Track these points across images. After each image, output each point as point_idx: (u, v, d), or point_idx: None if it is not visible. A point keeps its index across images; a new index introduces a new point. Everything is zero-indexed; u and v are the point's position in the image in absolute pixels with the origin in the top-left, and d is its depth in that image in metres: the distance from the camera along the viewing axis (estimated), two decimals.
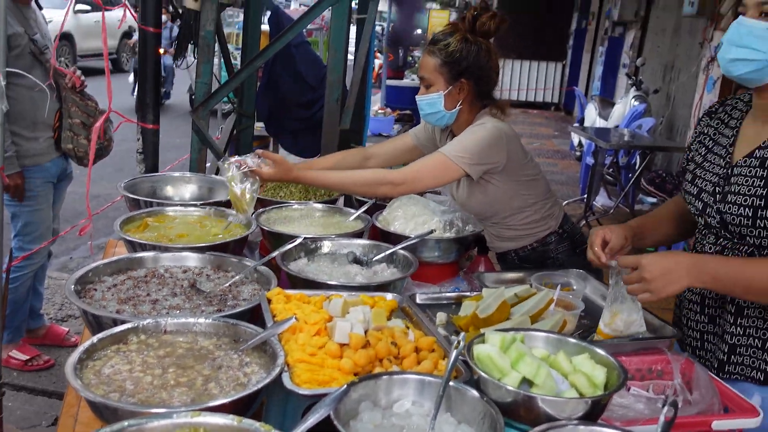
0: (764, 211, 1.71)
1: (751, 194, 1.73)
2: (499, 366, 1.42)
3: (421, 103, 2.47)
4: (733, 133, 1.87)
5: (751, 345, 1.84)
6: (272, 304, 1.78)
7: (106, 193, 6.81)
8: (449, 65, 2.39)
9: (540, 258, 2.58)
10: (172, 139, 9.63)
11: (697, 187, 1.91)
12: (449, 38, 2.39)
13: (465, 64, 2.39)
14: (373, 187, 2.39)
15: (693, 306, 1.98)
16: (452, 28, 2.45)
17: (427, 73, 2.43)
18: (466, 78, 2.41)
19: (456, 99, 2.44)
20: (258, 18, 4.46)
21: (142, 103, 3.49)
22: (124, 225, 2.39)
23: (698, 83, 7.78)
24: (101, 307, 1.81)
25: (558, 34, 16.98)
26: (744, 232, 1.76)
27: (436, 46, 2.41)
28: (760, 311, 1.81)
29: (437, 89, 2.42)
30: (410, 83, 10.45)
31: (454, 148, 2.35)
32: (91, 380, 1.42)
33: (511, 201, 2.48)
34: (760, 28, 1.64)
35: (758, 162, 1.75)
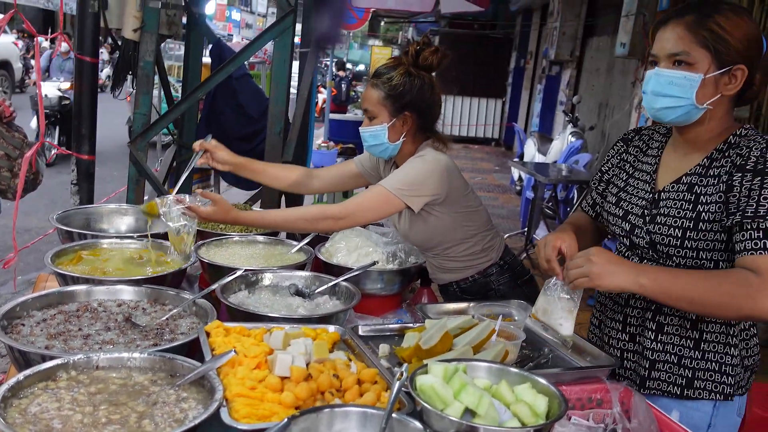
0: (693, 233, 1.81)
1: (681, 216, 1.83)
2: (442, 396, 1.41)
3: (365, 135, 2.48)
4: (656, 161, 1.98)
5: (668, 361, 1.93)
6: (211, 337, 1.73)
7: (38, 227, 6.58)
8: (392, 98, 2.41)
9: (481, 289, 2.59)
10: (110, 171, 9.42)
11: (623, 209, 2.00)
12: (392, 72, 2.42)
13: (408, 97, 2.41)
14: (313, 223, 2.37)
15: (615, 324, 2.06)
16: (395, 62, 2.47)
17: (370, 105, 2.45)
18: (410, 111, 2.42)
19: (399, 131, 2.45)
20: (199, 50, 4.43)
21: (77, 133, 3.41)
22: (56, 258, 2.31)
23: (631, 120, 8.08)
24: (29, 342, 1.73)
25: (498, 71, 17.43)
26: (671, 252, 1.86)
27: (379, 79, 2.43)
28: (677, 328, 1.92)
29: (381, 121, 2.43)
30: (353, 117, 10.52)
31: (394, 181, 2.35)
32: (16, 419, 1.35)
33: (453, 232, 2.50)
34: (678, 77, 1.75)
35: (685, 187, 1.86)
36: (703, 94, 1.75)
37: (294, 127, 3.84)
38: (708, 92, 1.75)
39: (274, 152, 3.55)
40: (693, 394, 1.91)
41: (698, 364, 1.91)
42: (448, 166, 2.41)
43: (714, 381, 1.90)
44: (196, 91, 3.59)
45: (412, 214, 2.43)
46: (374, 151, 2.53)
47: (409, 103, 2.41)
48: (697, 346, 1.90)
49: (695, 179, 1.85)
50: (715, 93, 1.76)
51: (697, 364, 1.91)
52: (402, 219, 2.53)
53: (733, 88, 1.76)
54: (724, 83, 1.75)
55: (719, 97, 1.77)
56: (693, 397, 1.92)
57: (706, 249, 1.82)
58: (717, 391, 1.90)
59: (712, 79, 1.74)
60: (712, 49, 1.72)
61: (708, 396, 1.91)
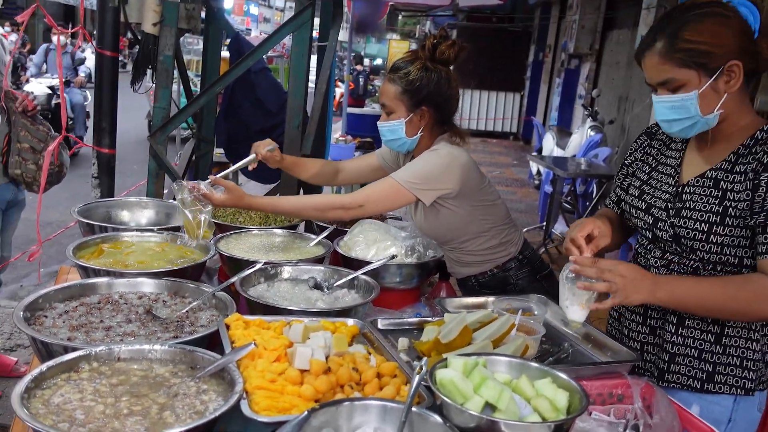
0: (719, 227, 1.81)
1: (707, 210, 1.82)
2: (462, 391, 1.40)
3: (383, 129, 2.47)
4: (680, 155, 1.98)
5: (688, 354, 1.93)
6: (231, 330, 1.74)
7: (60, 220, 6.65)
8: (410, 93, 2.40)
9: (500, 284, 2.57)
10: (130, 165, 9.50)
11: (646, 202, 1.99)
12: (409, 66, 2.41)
13: (425, 91, 2.40)
14: (324, 212, 2.37)
15: (635, 317, 2.06)
16: (412, 56, 2.46)
17: (388, 100, 2.44)
18: (427, 105, 2.41)
19: (417, 126, 2.44)
20: (218, 44, 4.45)
21: (98, 127, 3.43)
22: (78, 251, 2.33)
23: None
24: (51, 334, 1.75)
25: (516, 65, 17.32)
26: (696, 246, 1.86)
27: (396, 74, 2.42)
28: (698, 322, 1.91)
29: (398, 116, 2.43)
30: (371, 111, 10.52)
31: (405, 174, 2.35)
32: (39, 410, 1.36)
33: (468, 226, 2.48)
34: (676, 101, 1.78)
35: (711, 182, 1.85)
36: (707, 105, 1.76)
37: (312, 121, 3.84)
38: (711, 100, 1.76)
39: (293, 146, 3.55)
40: (713, 388, 1.91)
41: (719, 359, 1.90)
42: (462, 161, 2.38)
43: (735, 375, 1.89)
44: (215, 85, 3.60)
45: (425, 207, 2.43)
46: (392, 146, 2.53)
47: (426, 97, 2.41)
48: (719, 341, 1.90)
49: (721, 174, 1.84)
50: (719, 97, 1.76)
51: (718, 359, 1.90)
52: (417, 211, 2.52)
53: (736, 83, 1.75)
54: (725, 82, 1.74)
55: (726, 96, 1.76)
56: (713, 391, 1.91)
57: (731, 245, 1.82)
58: (738, 386, 1.90)
59: (709, 88, 1.74)
60: (694, 65, 1.73)
61: (729, 390, 1.90)
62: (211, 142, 4.51)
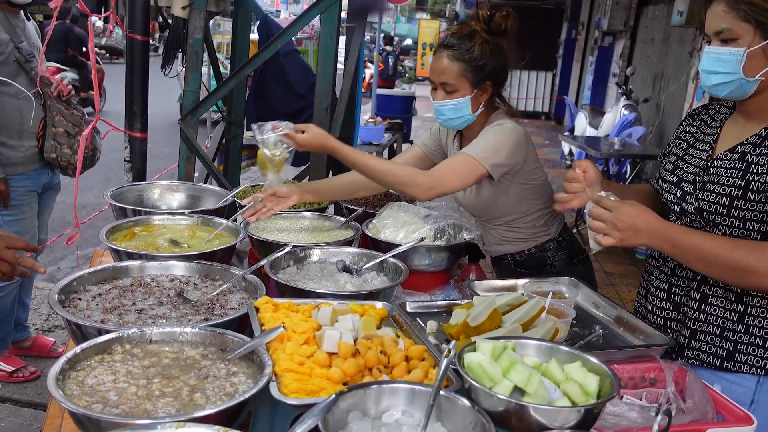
0: (740, 201, 1.80)
1: (729, 185, 1.82)
2: (490, 374, 1.40)
3: (443, 109, 2.42)
4: (716, 132, 1.98)
5: (710, 332, 1.93)
6: (260, 313, 1.75)
7: (94, 203, 6.77)
8: (474, 70, 2.36)
9: (537, 264, 2.58)
10: (162, 148, 9.61)
11: (677, 176, 2.00)
12: (468, 42, 2.36)
13: (489, 67, 2.37)
14: (402, 185, 2.33)
15: (660, 294, 2.07)
16: (467, 29, 2.40)
17: (449, 78, 2.37)
18: (490, 80, 2.40)
19: (479, 102, 2.42)
20: (246, 26, 4.44)
21: (130, 111, 3.46)
22: (111, 234, 2.36)
23: (688, 92, 7.83)
24: (85, 316, 1.78)
25: (548, 43, 17.08)
26: (717, 220, 1.86)
27: (457, 50, 2.36)
28: (722, 300, 1.90)
29: (463, 94, 2.38)
30: (401, 92, 10.47)
31: (479, 149, 2.33)
32: (73, 391, 1.39)
33: (520, 204, 2.51)
34: (723, 53, 1.77)
35: (738, 156, 1.85)
36: (751, 67, 1.75)
37: (341, 103, 3.82)
38: (757, 64, 1.74)
39: (322, 128, 3.52)
40: (733, 366, 1.90)
41: (741, 338, 1.89)
42: (526, 137, 2.42)
43: (757, 356, 1.88)
44: (244, 67, 3.60)
45: (483, 183, 2.43)
46: (452, 124, 2.48)
47: (489, 72, 2.38)
48: (741, 320, 1.88)
49: (749, 148, 1.84)
50: (765, 63, 1.74)
51: (739, 338, 1.89)
52: (470, 188, 2.50)
53: None
54: None
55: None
56: (733, 370, 1.90)
57: (753, 219, 1.80)
58: (759, 366, 1.88)
59: (760, 51, 1.73)
60: (754, 21, 1.71)
61: (749, 370, 1.88)
62: (241, 124, 4.52)
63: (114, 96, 11.22)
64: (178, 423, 1.21)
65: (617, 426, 1.56)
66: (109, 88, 12.50)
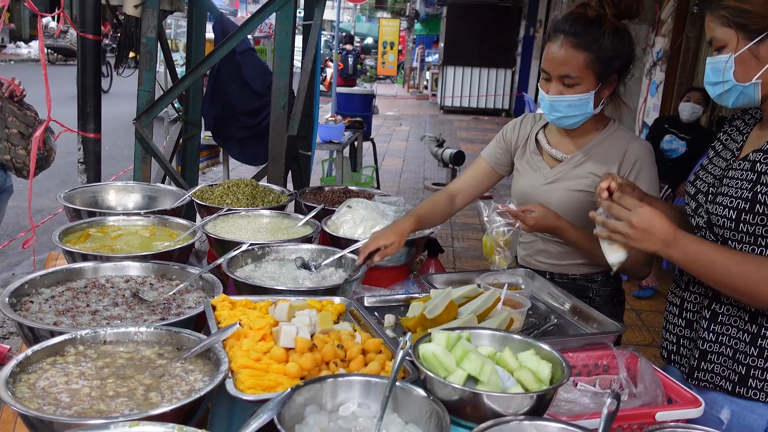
0: (748, 215, 1.66)
1: (738, 196, 1.68)
2: (445, 364, 1.41)
3: (559, 105, 2.11)
4: (743, 139, 1.84)
5: (722, 353, 1.78)
6: (217, 311, 1.74)
7: (50, 207, 6.63)
8: (602, 62, 2.06)
9: (576, 292, 2.24)
10: (119, 150, 9.46)
11: (695, 187, 1.87)
12: (596, 30, 2.04)
13: (618, 60, 2.08)
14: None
15: (673, 309, 1.95)
16: (593, 13, 2.07)
17: (573, 70, 2.06)
18: (617, 73, 2.12)
19: (601, 97, 2.14)
20: (202, 25, 4.40)
21: (83, 111, 3.41)
22: (64, 236, 2.32)
23: (642, 87, 7.98)
24: (38, 319, 1.75)
25: (507, 41, 17.25)
26: (727, 235, 1.72)
27: (583, 38, 2.05)
28: (735, 320, 1.75)
29: (586, 88, 2.08)
30: (361, 90, 10.46)
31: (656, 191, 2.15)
32: (24, 394, 1.37)
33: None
34: (717, 62, 1.69)
35: (750, 165, 1.70)
36: (743, 71, 1.65)
37: (298, 101, 3.82)
38: (749, 67, 1.64)
39: (279, 127, 3.54)
40: (746, 393, 1.73)
41: (754, 362, 1.72)
42: None
43: None
44: (200, 66, 3.57)
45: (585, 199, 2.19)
46: (565, 123, 2.17)
47: (618, 65, 2.10)
48: (754, 342, 1.72)
49: (759, 156, 1.69)
50: (759, 65, 1.63)
51: (752, 362, 1.72)
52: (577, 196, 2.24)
53: None
54: (766, 50, 1.62)
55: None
56: (747, 396, 1.73)
57: (764, 235, 1.66)
58: None
59: (748, 53, 1.63)
60: (734, 25, 1.62)
61: (765, 398, 1.72)
62: (198, 124, 4.48)
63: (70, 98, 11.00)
64: (132, 422, 1.20)
65: (571, 412, 1.59)
66: (64, 91, 12.26)
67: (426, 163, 11.25)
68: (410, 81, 27.78)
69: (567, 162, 2.25)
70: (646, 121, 7.56)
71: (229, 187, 2.92)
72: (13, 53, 23.71)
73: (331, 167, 8.34)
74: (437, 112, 18.54)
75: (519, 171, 2.39)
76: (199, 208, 2.85)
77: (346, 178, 7.52)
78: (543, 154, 2.33)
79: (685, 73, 7.29)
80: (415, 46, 27.96)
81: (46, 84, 3.39)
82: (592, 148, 2.23)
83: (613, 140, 2.22)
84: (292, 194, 3.07)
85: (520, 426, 1.30)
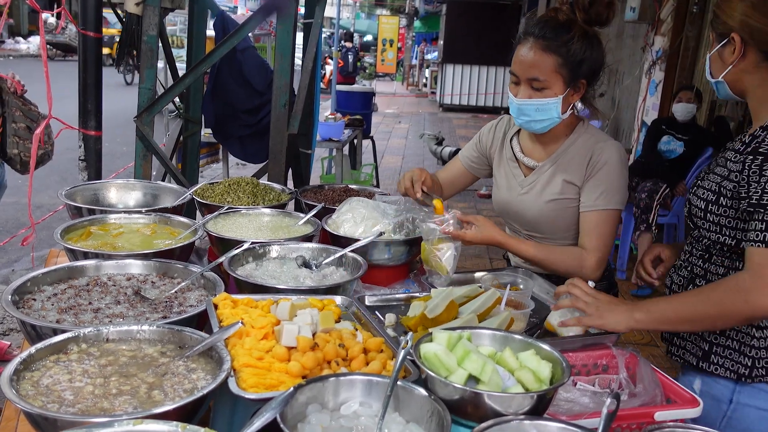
0: (713, 206, 1.81)
1: (709, 189, 1.84)
2: (446, 364, 1.42)
3: (527, 108, 2.12)
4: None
5: (729, 346, 1.86)
6: (219, 309, 1.75)
7: (49, 204, 6.63)
8: (571, 66, 2.07)
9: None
10: (119, 147, 9.46)
11: (697, 179, 1.99)
12: (565, 33, 2.06)
13: (587, 64, 2.09)
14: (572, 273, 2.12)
15: (666, 290, 2.06)
16: (563, 17, 2.10)
17: (541, 74, 2.07)
18: (585, 78, 2.12)
19: (569, 102, 2.14)
20: (203, 22, 4.41)
21: (84, 109, 3.42)
22: (66, 234, 2.33)
23: (641, 86, 7.99)
24: (40, 317, 1.75)
25: (506, 39, 17.21)
26: (699, 223, 1.88)
27: (552, 41, 2.06)
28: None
29: (554, 93, 2.09)
30: (360, 88, 10.46)
31: (618, 198, 2.15)
32: (28, 391, 1.38)
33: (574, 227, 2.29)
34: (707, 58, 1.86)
35: (724, 161, 1.84)
36: (715, 69, 1.83)
37: (299, 99, 3.82)
38: (717, 67, 1.82)
39: (280, 125, 3.54)
40: (708, 368, 1.88)
41: (716, 339, 1.88)
42: None
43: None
44: (200, 64, 3.58)
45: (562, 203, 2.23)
46: (534, 127, 2.18)
47: (587, 70, 2.10)
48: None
49: (731, 154, 1.82)
50: (724, 66, 1.80)
51: (715, 339, 1.88)
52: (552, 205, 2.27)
53: (735, 56, 1.76)
54: (729, 53, 1.78)
55: (731, 68, 1.78)
56: (709, 372, 1.88)
57: (728, 226, 1.79)
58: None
59: (716, 55, 1.81)
60: (712, 26, 1.82)
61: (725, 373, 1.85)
62: (199, 122, 4.49)
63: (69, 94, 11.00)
64: (135, 420, 1.21)
65: (570, 411, 1.61)
66: (63, 87, 12.23)
67: (425, 161, 11.26)
68: (409, 78, 27.79)
69: (537, 171, 2.27)
70: (645, 120, 7.57)
71: (230, 185, 2.92)
72: (12, 49, 23.71)
73: (330, 165, 8.34)
74: (436, 109, 18.55)
75: (497, 182, 2.41)
76: (200, 206, 2.86)
77: (346, 176, 7.53)
78: (518, 161, 2.34)
79: (684, 73, 7.30)
80: (415, 45, 27.98)
81: (47, 81, 3.39)
82: (560, 156, 2.24)
83: (580, 145, 2.23)
84: (293, 192, 3.08)
85: (521, 425, 1.31)
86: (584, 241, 2.17)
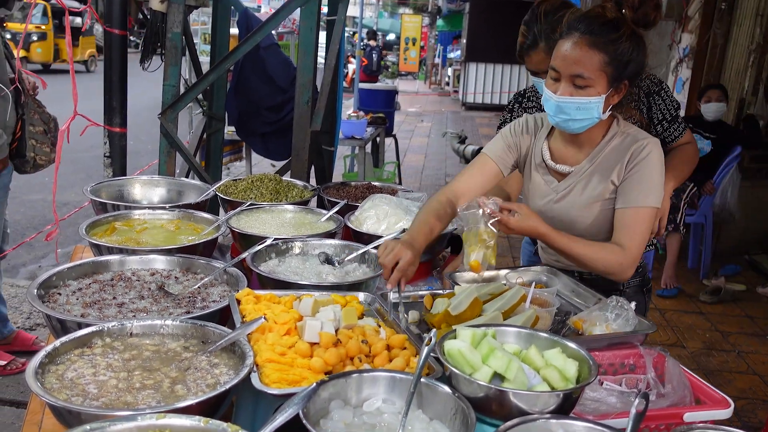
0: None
1: None
2: (470, 361, 1.40)
3: (568, 107, 2.01)
4: None
5: None
6: (242, 305, 1.75)
7: (74, 200, 6.71)
8: (617, 65, 1.97)
9: (606, 285, 2.21)
10: (144, 145, 9.54)
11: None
12: (614, 32, 1.97)
13: (633, 66, 2.01)
14: (610, 274, 2.08)
15: None
16: (612, 15, 2.01)
17: (587, 71, 1.96)
18: (628, 80, 2.04)
19: (610, 103, 2.05)
20: (226, 20, 4.43)
21: (109, 106, 3.44)
22: (90, 229, 2.34)
23: (668, 84, 7.89)
24: (65, 311, 1.77)
25: None
26: None
27: (600, 38, 1.96)
28: None
29: (597, 92, 1.98)
30: (383, 86, 10.45)
31: (655, 197, 2.07)
32: (53, 385, 1.38)
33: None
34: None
35: None
36: None
37: (322, 97, 3.82)
38: None
39: (302, 122, 3.54)
40: None
41: None
42: None
43: None
44: (224, 61, 3.58)
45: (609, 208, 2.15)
46: (572, 126, 2.07)
47: (632, 71, 2.02)
48: None
49: None
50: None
51: None
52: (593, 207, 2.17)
53: None
54: None
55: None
56: None
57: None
58: None
59: None
60: None
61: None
62: (222, 119, 4.50)
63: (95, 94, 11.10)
64: (159, 414, 1.21)
65: (597, 411, 1.58)
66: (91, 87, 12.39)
67: (447, 160, 11.22)
68: (432, 77, 27.71)
69: (574, 175, 2.17)
70: None
71: (253, 181, 2.93)
72: None
73: (353, 163, 8.34)
74: (459, 108, 18.47)
75: (529, 191, 2.31)
76: (223, 203, 2.87)
77: (368, 174, 7.51)
78: (547, 167, 2.24)
79: (712, 70, 7.18)
80: (438, 43, 27.89)
81: (73, 79, 3.42)
82: (597, 156, 2.15)
83: (617, 143, 2.14)
84: (316, 189, 3.08)
85: (547, 424, 1.29)
86: (619, 237, 2.09)
